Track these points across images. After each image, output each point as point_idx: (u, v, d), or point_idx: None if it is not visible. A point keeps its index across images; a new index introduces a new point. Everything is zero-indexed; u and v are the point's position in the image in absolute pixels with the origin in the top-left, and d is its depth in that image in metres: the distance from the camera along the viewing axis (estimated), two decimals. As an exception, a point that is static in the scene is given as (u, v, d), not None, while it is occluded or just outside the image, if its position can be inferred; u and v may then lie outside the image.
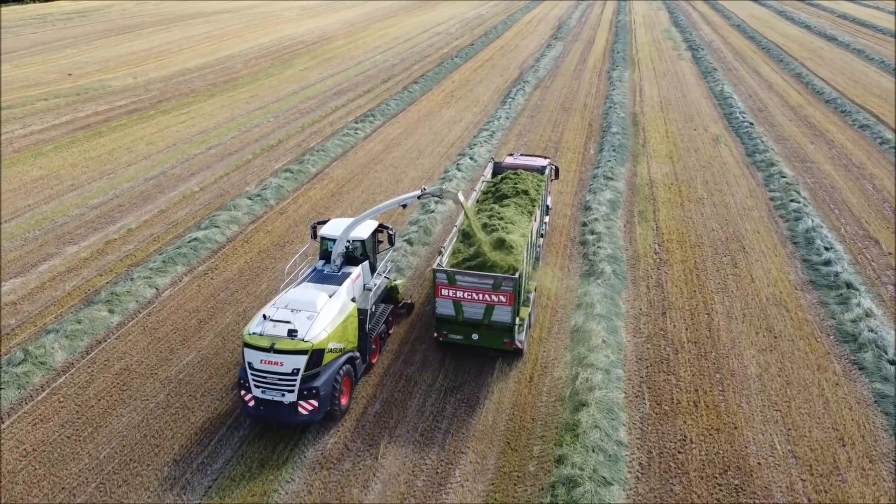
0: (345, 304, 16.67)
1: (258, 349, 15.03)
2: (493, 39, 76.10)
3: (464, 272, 17.30)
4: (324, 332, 15.40)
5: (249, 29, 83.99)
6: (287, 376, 15.02)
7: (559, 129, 40.68)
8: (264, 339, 15.05)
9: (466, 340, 17.93)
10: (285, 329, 15.11)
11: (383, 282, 19.61)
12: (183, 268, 23.64)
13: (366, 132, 39.93)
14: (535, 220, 21.15)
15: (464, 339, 17.94)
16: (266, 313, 15.72)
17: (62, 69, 60.70)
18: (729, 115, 43.13)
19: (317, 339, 15.15)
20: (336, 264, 17.92)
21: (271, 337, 15.06)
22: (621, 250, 24.85)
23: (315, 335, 15.20)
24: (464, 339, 17.94)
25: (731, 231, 26.53)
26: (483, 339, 17.84)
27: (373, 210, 17.90)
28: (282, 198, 30.01)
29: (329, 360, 15.69)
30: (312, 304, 15.93)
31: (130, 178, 32.43)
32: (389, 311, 19.40)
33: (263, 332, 15.20)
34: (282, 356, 14.92)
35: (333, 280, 17.43)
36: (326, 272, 17.88)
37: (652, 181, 31.92)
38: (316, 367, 15.32)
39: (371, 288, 18.47)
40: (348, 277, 17.51)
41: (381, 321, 18.58)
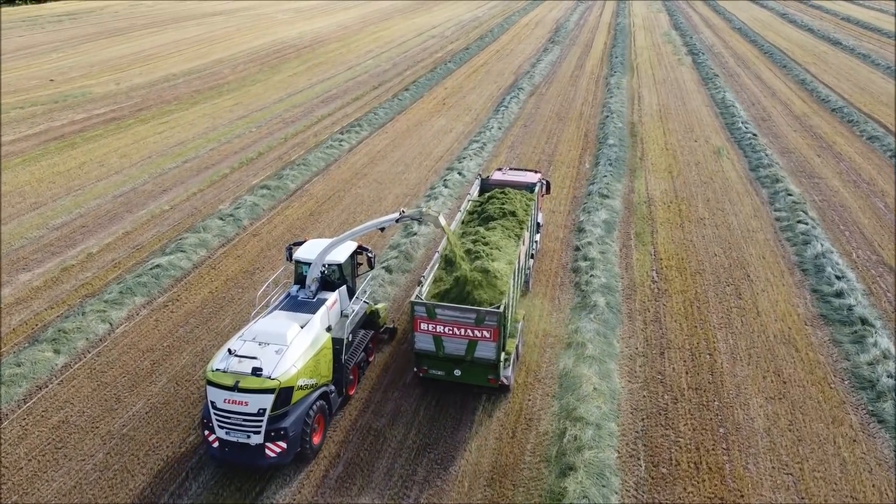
0: (318, 336, 15.52)
1: (221, 387, 13.87)
2: (488, 43, 74.31)
3: (444, 305, 15.89)
4: (293, 368, 14.25)
5: (241, 32, 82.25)
6: (252, 417, 13.87)
7: (553, 140, 38.87)
8: (228, 377, 13.91)
9: (448, 376, 16.57)
10: (251, 365, 13.96)
11: (362, 307, 18.23)
12: (141, 299, 21.83)
13: (351, 144, 38.12)
14: (524, 243, 19.63)
15: (446, 375, 16.58)
16: (231, 347, 14.58)
17: (45, 75, 58.98)
18: (731, 125, 41.31)
19: (285, 377, 14.00)
20: (311, 290, 16.78)
21: (235, 374, 13.94)
22: (616, 278, 23.04)
23: (283, 372, 14.04)
24: (446, 375, 16.58)
25: (735, 256, 24.72)
26: (466, 376, 16.43)
27: (349, 233, 16.69)
28: (256, 217, 28.21)
29: (299, 397, 14.52)
30: (282, 337, 14.76)
31: (98, 195, 30.62)
32: (370, 337, 18.23)
33: (227, 369, 14.06)
34: (246, 395, 13.76)
35: (307, 307, 16.25)
36: (300, 298, 16.72)
37: (650, 198, 30.10)
38: (284, 407, 14.16)
39: (349, 314, 17.21)
40: (323, 304, 16.38)
41: (359, 349, 17.38)
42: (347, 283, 17.73)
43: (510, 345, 17.14)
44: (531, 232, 21.31)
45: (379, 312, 19.08)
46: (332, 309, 16.73)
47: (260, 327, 15.21)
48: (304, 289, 16.93)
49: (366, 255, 18.36)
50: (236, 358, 14.22)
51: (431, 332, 15.95)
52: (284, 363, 14.19)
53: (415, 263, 24.19)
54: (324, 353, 15.46)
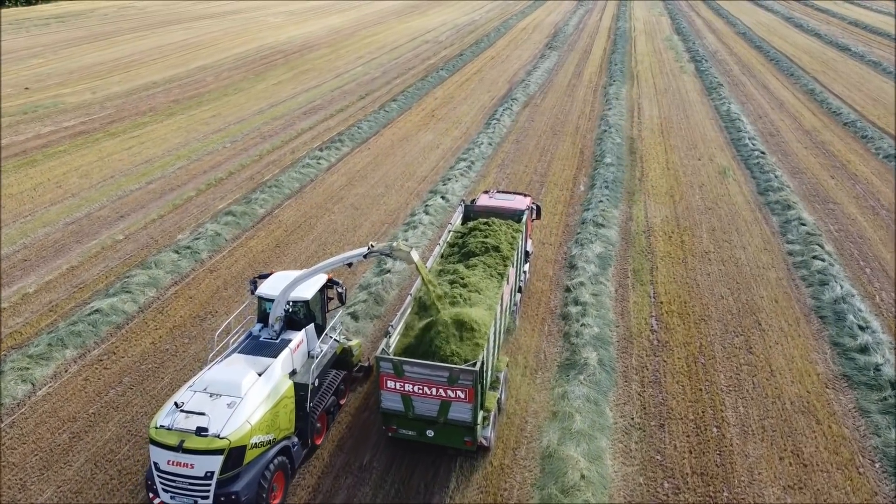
0: (278, 384, 14.06)
1: (165, 447, 12.52)
2: (484, 49, 71.73)
3: (412, 362, 13.96)
4: (246, 425, 12.82)
5: (229, 36, 79.76)
6: (199, 480, 12.53)
7: (547, 157, 36.30)
8: (172, 435, 12.55)
9: (420, 437, 14.79)
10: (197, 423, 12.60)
11: (332, 346, 16.56)
12: (73, 352, 19.30)
13: (330, 162, 35.57)
14: (508, 282, 17.41)
15: (417, 436, 14.81)
16: (179, 400, 13.16)
17: (21, 82, 56.55)
18: (737, 141, 38.71)
19: (236, 435, 12.60)
20: (274, 329, 15.33)
21: (181, 432, 12.56)
22: (611, 327, 20.47)
23: (234, 429, 12.64)
24: (417, 436, 14.81)
25: (744, 299, 22.13)
26: (440, 437, 14.64)
27: (315, 269, 15.02)
28: (216, 249, 25.66)
29: (254, 456, 13.09)
30: (236, 387, 13.33)
31: (48, 223, 28.09)
32: (341, 378, 16.63)
33: (172, 426, 12.67)
34: (192, 457, 12.42)
35: (269, 350, 14.83)
36: (263, 339, 15.31)
37: (650, 228, 27.51)
38: (236, 468, 12.78)
39: (316, 355, 15.65)
40: (286, 347, 14.90)
41: (328, 394, 15.88)
42: (316, 320, 16.21)
43: (490, 400, 15.27)
44: (518, 266, 19.22)
45: (352, 350, 17.51)
46: (298, 351, 15.24)
47: (212, 375, 13.71)
48: (268, 328, 15.43)
49: (336, 290, 16.61)
50: (183, 413, 12.81)
51: (399, 391, 14.16)
52: (236, 419, 12.78)
53: (386, 307, 21.63)
54: (284, 404, 14.01)
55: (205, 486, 12.58)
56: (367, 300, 21.48)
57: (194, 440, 12.45)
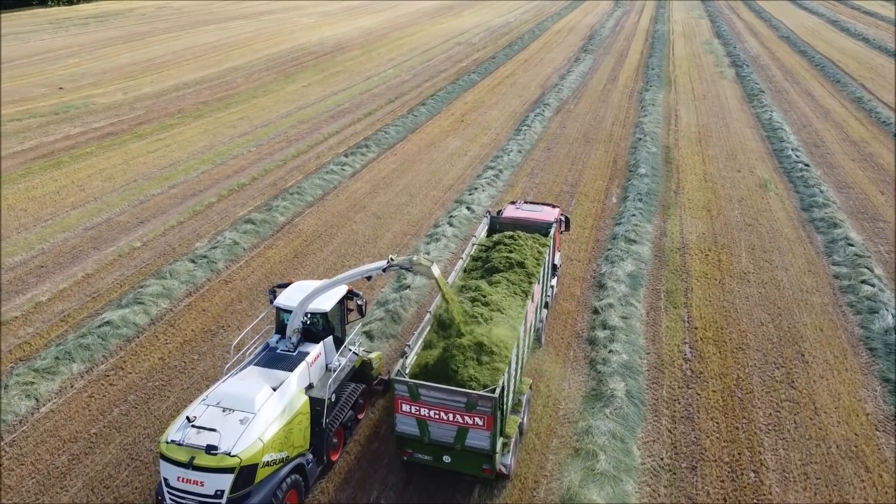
0: (293, 400, 13.66)
1: (175, 463, 12.20)
2: (517, 52, 70.47)
3: (429, 386, 13.31)
4: (258, 443, 12.47)
5: (262, 37, 79.73)
6: (209, 499, 12.20)
7: (578, 166, 35.03)
8: (183, 451, 12.20)
9: (436, 462, 14.13)
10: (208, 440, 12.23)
11: (351, 360, 16.15)
12: (80, 366, 18.73)
13: (354, 168, 34.78)
14: (533, 300, 16.64)
15: (433, 461, 14.16)
16: (191, 414, 12.81)
17: (56, 82, 57.07)
18: (779, 152, 36.95)
19: (247, 453, 12.24)
20: (291, 342, 14.96)
21: (191, 448, 12.19)
22: (641, 354, 19.23)
23: (245, 447, 12.27)
24: (433, 461, 14.16)
25: (786, 327, 20.69)
26: (457, 464, 13.96)
27: (334, 280, 14.52)
28: (233, 259, 25.00)
29: (265, 475, 12.71)
30: (250, 402, 12.94)
31: (68, 227, 27.77)
32: (360, 392, 16.22)
33: (183, 442, 12.31)
34: (202, 474, 12.08)
35: (285, 363, 14.42)
36: (280, 351, 14.94)
37: (685, 245, 26.13)
38: (247, 487, 12.40)
39: (334, 368, 15.28)
40: (303, 360, 14.47)
41: (346, 408, 15.44)
42: (335, 332, 15.78)
43: (511, 426, 14.65)
44: (544, 282, 18.40)
45: (372, 363, 17.02)
46: (315, 364, 14.82)
47: (226, 389, 13.36)
48: (285, 339, 15.04)
49: (356, 302, 16.21)
50: (194, 428, 12.47)
51: (415, 415, 13.58)
52: (248, 436, 12.42)
53: (403, 326, 20.69)
54: (299, 420, 13.64)
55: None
56: (384, 318, 20.57)
57: (205, 457, 12.07)
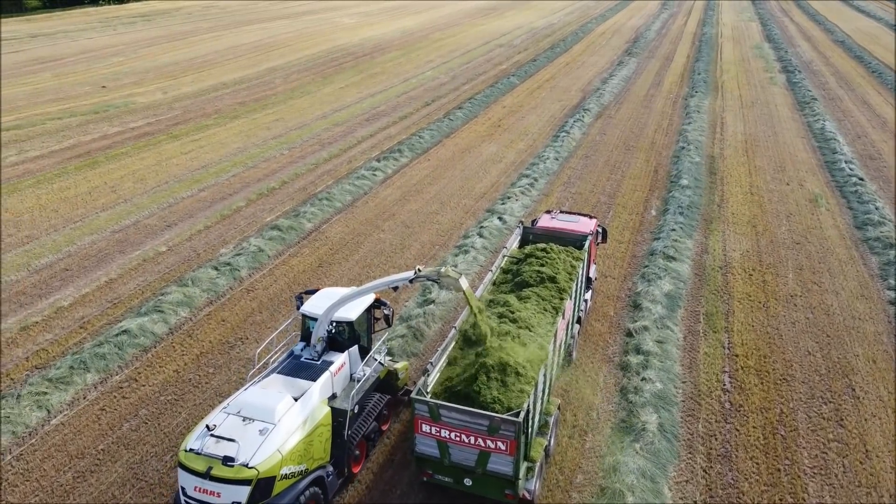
0: (314, 411, 13.43)
1: (192, 472, 12.09)
2: (559, 54, 69.09)
3: (451, 407, 12.77)
4: (277, 455, 12.27)
5: (302, 38, 79.88)
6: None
7: (617, 176, 33.74)
8: (200, 461, 12.09)
9: (457, 485, 13.69)
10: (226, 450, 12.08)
11: (376, 370, 15.82)
12: (94, 376, 18.36)
13: (386, 174, 34.11)
14: (564, 317, 16.00)
15: (454, 483, 13.72)
16: (211, 423, 12.65)
17: (99, 81, 57.84)
18: (831, 165, 35.06)
19: (265, 465, 12.05)
20: (316, 350, 14.73)
21: (209, 458, 12.07)
22: (676, 383, 18.04)
23: (263, 459, 12.07)
24: (454, 483, 13.72)
25: (835, 357, 19.24)
26: (478, 487, 13.50)
27: (360, 290, 14.21)
28: (257, 267, 24.50)
29: (283, 488, 12.49)
30: (270, 412, 12.75)
31: (96, 230, 27.67)
32: (384, 403, 15.85)
33: (202, 451, 12.19)
34: (219, 485, 11.94)
35: (309, 372, 14.21)
36: (304, 359, 14.71)
37: (727, 263, 24.74)
38: (264, 499, 12.22)
39: (359, 378, 15.00)
40: (327, 370, 14.22)
41: (370, 419, 15.11)
42: (360, 341, 15.53)
43: (536, 449, 14.01)
44: (577, 297, 17.70)
45: (398, 373, 16.63)
46: (339, 374, 14.56)
47: (247, 398, 13.21)
48: (310, 347, 14.84)
49: (382, 311, 15.78)
50: (213, 437, 12.36)
51: (435, 437, 13.07)
52: (267, 447, 12.22)
53: (426, 343, 19.86)
54: (319, 432, 13.40)
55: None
56: (406, 335, 19.75)
57: (222, 468, 11.92)
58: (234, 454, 11.99)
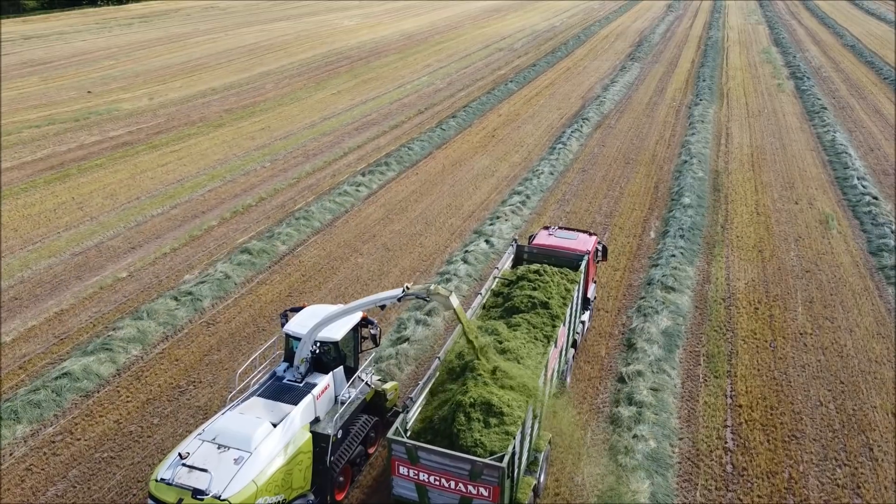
0: (294, 437, 12.82)
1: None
2: (560, 58, 67.15)
3: (429, 449, 11.95)
4: (252, 486, 11.70)
5: (299, 40, 78.16)
6: None
7: (615, 192, 31.81)
8: (172, 492, 11.52)
9: None
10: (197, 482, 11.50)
11: (363, 391, 15.13)
12: (25, 428, 16.57)
13: (370, 189, 32.26)
14: (557, 345, 15.29)
15: None
16: (184, 450, 12.07)
17: (86, 85, 56.23)
18: (843, 181, 33.04)
19: (238, 498, 11.42)
20: (299, 372, 14.18)
21: (180, 489, 11.50)
22: (672, 441, 16.12)
23: (237, 491, 11.48)
24: None
25: (850, 409, 17.28)
26: None
27: (347, 308, 13.79)
28: (222, 296, 22.68)
29: None
30: (246, 440, 12.19)
31: (55, 252, 25.91)
32: (371, 425, 15.15)
33: (173, 481, 11.62)
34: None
35: (291, 395, 13.63)
36: (286, 381, 14.15)
37: (731, 294, 22.79)
38: None
39: (345, 400, 14.42)
40: (309, 393, 13.61)
41: (355, 443, 14.39)
42: (346, 362, 14.95)
43: (524, 490, 13.06)
44: (571, 322, 17.05)
45: (386, 394, 15.93)
46: (323, 396, 13.95)
47: (223, 424, 12.64)
48: (293, 368, 14.26)
49: (369, 331, 15.33)
50: (186, 466, 11.78)
51: (413, 480, 12.26)
52: (242, 478, 11.65)
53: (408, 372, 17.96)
54: (299, 460, 12.81)
55: None
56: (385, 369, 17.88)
57: (193, 501, 11.34)
58: (205, 486, 11.41)
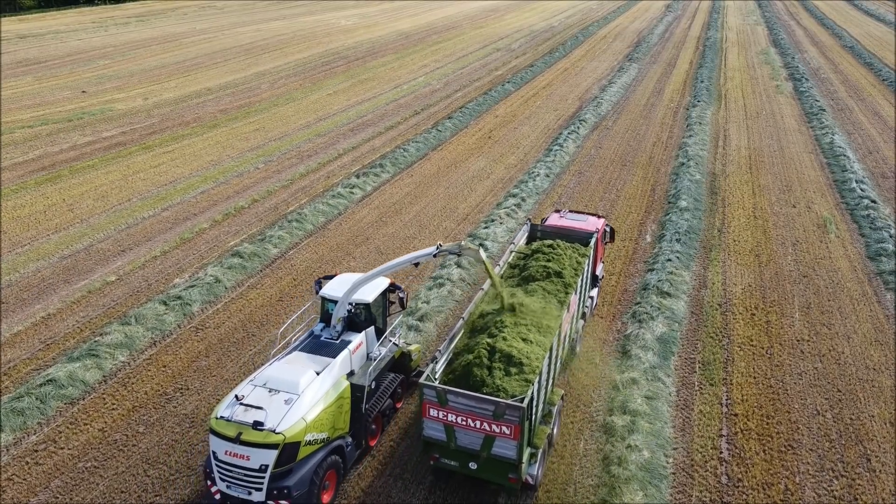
0: (335, 384, 14.35)
1: (223, 438, 12.90)
2: (557, 59, 66.87)
3: (458, 392, 13.20)
4: (301, 422, 13.12)
5: (296, 40, 77.86)
6: (254, 473, 12.85)
7: (611, 195, 31.53)
8: (231, 427, 12.92)
9: (462, 469, 14.10)
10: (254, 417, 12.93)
11: (391, 350, 16.71)
12: (8, 437, 16.27)
13: (364, 191, 31.95)
14: (569, 310, 16.53)
15: (459, 467, 14.12)
16: (239, 393, 13.52)
17: (81, 85, 55.93)
18: (841, 184, 32.76)
19: (291, 431, 12.90)
20: (336, 330, 15.57)
21: (239, 424, 12.90)
22: (666, 450, 15.85)
23: (289, 426, 12.94)
24: (459, 467, 14.12)
25: (847, 418, 17.00)
26: (483, 471, 13.90)
27: (382, 269, 15.18)
28: (211, 301, 22.36)
29: (307, 453, 13.39)
30: (294, 385, 13.65)
31: (43, 255, 25.59)
32: (399, 382, 16.74)
33: (232, 418, 13.03)
34: (248, 449, 12.74)
35: (329, 350, 15.06)
36: (324, 339, 15.58)
37: (727, 300, 22.51)
38: (289, 463, 13.04)
39: (375, 357, 15.93)
40: (346, 348, 15.07)
41: (385, 396, 16.07)
42: (376, 323, 16.38)
43: (540, 436, 14.42)
44: (582, 293, 18.28)
45: (411, 355, 17.55)
46: (357, 352, 15.43)
47: (272, 372, 14.14)
48: (329, 328, 15.69)
49: (397, 295, 16.72)
50: (242, 406, 13.21)
51: (442, 421, 13.50)
52: (292, 415, 13.12)
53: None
54: (340, 404, 14.30)
55: (259, 478, 12.84)
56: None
57: (251, 433, 12.69)
58: (262, 420, 12.75)
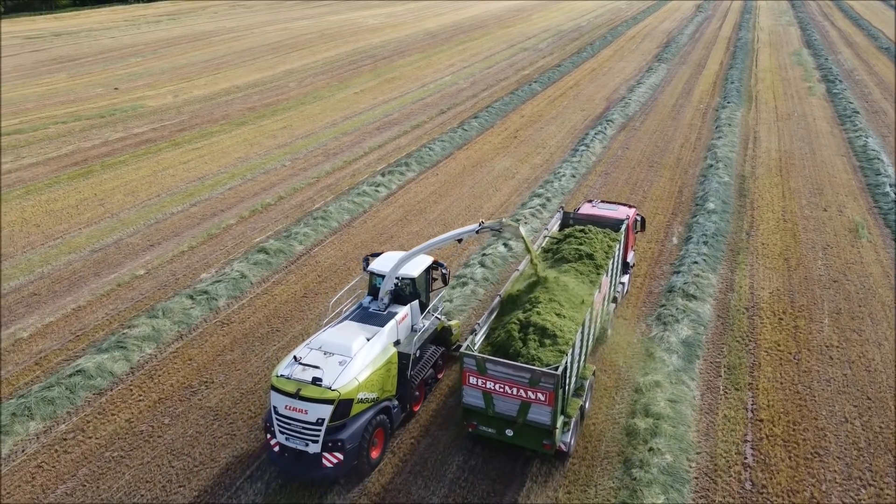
0: (384, 349, 15.49)
1: (284, 393, 14.09)
2: (585, 59, 66.46)
3: (496, 360, 14.28)
4: (354, 381, 14.30)
5: (323, 39, 78.38)
6: (311, 425, 14.02)
7: (638, 196, 31.25)
8: (291, 384, 14.13)
9: (499, 436, 15.08)
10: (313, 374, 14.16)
11: (433, 323, 17.92)
12: (38, 425, 16.61)
13: (389, 189, 32.07)
14: (601, 290, 17.24)
15: (497, 434, 15.09)
16: (297, 354, 14.84)
17: (113, 82, 56.88)
18: (874, 188, 32.12)
19: (345, 389, 14.07)
20: (383, 302, 16.68)
21: (298, 382, 14.13)
22: (689, 454, 15.67)
23: (344, 384, 14.11)
24: (497, 434, 15.09)
25: (877, 427, 16.67)
26: (518, 437, 14.84)
27: (426, 245, 16.49)
28: (237, 296, 22.61)
29: (359, 410, 14.50)
30: (347, 348, 14.84)
31: (74, 249, 26.08)
32: (440, 354, 17.89)
33: (291, 376, 14.26)
34: (306, 404, 13.92)
35: (377, 320, 16.18)
36: (371, 310, 16.63)
37: (755, 304, 22.19)
38: (343, 418, 14.19)
39: (419, 329, 17.06)
40: (393, 318, 16.23)
41: (427, 366, 17.16)
42: (420, 297, 17.46)
43: (573, 406, 15.36)
44: (613, 275, 19.00)
45: (451, 329, 18.76)
46: (402, 323, 16.54)
47: (326, 337, 15.30)
48: (377, 301, 16.77)
49: (440, 271, 18.03)
50: (300, 365, 14.40)
51: (481, 388, 14.52)
52: (346, 375, 14.22)
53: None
54: (388, 368, 15.36)
55: (316, 431, 13.91)
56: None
57: (310, 389, 13.83)
58: (320, 377, 13.89)
